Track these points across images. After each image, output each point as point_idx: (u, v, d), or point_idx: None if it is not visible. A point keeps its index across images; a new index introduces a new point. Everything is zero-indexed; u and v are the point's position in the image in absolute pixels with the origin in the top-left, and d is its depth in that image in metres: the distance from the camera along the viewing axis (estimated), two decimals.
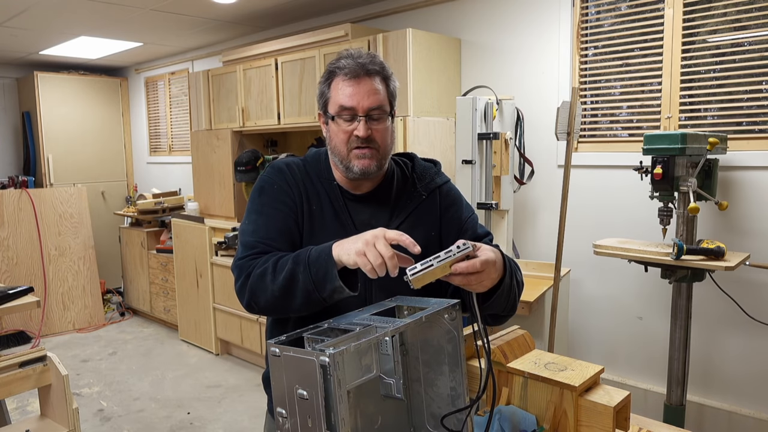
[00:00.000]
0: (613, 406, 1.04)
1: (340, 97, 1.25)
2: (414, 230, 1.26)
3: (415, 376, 1.09)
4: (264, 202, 1.32)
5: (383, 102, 1.27)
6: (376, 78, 1.26)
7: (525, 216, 3.18)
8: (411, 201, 1.35)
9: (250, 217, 1.33)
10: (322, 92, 1.30)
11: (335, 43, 3.39)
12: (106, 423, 3.22)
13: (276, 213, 1.29)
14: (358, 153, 1.26)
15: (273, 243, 1.27)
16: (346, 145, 1.26)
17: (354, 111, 1.24)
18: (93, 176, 5.93)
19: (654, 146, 2.22)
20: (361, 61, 1.25)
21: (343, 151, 1.27)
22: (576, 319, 3.04)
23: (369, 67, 1.25)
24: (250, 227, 1.31)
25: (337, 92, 1.26)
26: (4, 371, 1.93)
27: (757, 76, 2.47)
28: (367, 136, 1.24)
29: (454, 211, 1.37)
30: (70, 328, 4.92)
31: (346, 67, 1.25)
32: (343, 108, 1.24)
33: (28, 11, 3.79)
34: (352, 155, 1.26)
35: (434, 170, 1.41)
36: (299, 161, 1.38)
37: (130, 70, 6.18)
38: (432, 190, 1.37)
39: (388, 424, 1.07)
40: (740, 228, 2.51)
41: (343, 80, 1.25)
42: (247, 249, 1.27)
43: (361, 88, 1.24)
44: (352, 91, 1.24)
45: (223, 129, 4.21)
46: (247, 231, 1.30)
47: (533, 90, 3.08)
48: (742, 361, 2.55)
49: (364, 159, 1.26)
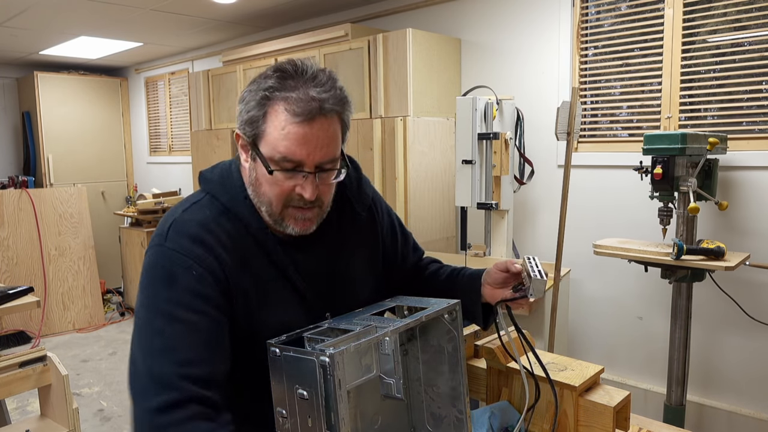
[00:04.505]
0: (613, 406, 1.04)
1: (282, 143, 0.91)
2: (360, 256, 1.15)
3: (415, 376, 1.09)
4: (178, 300, 0.88)
5: (337, 150, 0.96)
6: (334, 118, 0.94)
7: (525, 216, 3.17)
8: (353, 227, 1.12)
9: (153, 324, 0.87)
10: (252, 118, 0.94)
11: (335, 43, 3.39)
12: (106, 423, 3.22)
13: (201, 319, 0.88)
14: (296, 214, 0.98)
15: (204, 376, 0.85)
16: (282, 200, 0.96)
17: (300, 164, 0.93)
18: (93, 176, 5.93)
19: (654, 146, 2.21)
20: (317, 94, 0.91)
21: (276, 207, 0.97)
22: (576, 319, 3.04)
23: (327, 105, 0.92)
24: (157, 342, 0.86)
25: (280, 134, 0.91)
26: (4, 371, 1.93)
27: (757, 76, 2.47)
28: (314, 198, 0.96)
29: (389, 221, 1.23)
30: (70, 328, 4.91)
31: (296, 100, 0.91)
32: (286, 159, 0.92)
33: (28, 11, 3.79)
34: (287, 213, 0.98)
35: (355, 175, 1.15)
36: (216, 213, 0.98)
37: (130, 70, 6.18)
38: (368, 206, 1.17)
39: (388, 424, 1.07)
40: (740, 228, 2.51)
41: (289, 120, 0.91)
42: (160, 389, 0.82)
43: (314, 135, 0.92)
44: (302, 139, 0.91)
45: (223, 129, 4.21)
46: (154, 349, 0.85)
47: (533, 90, 3.08)
48: (742, 361, 2.55)
49: (304, 221, 0.99)
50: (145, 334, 0.88)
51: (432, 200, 3.15)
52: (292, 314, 1.02)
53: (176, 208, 1.01)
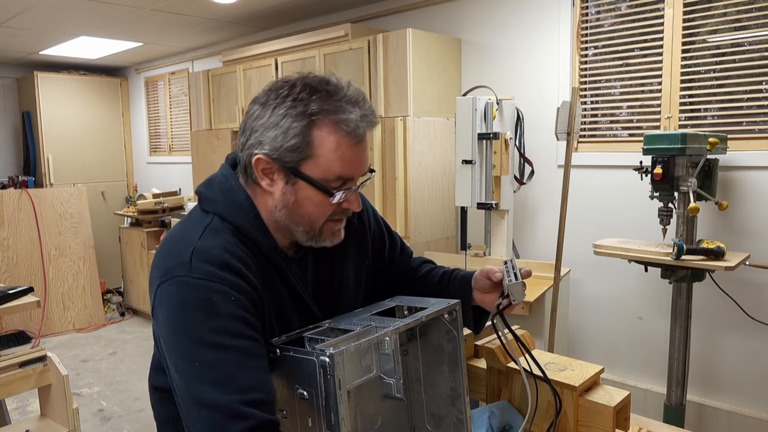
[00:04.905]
0: (613, 406, 1.04)
1: (338, 164, 0.93)
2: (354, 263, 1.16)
3: (415, 376, 1.09)
4: (223, 329, 0.86)
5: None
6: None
7: (525, 216, 3.17)
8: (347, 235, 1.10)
9: (203, 359, 0.84)
10: (295, 146, 0.92)
11: (335, 43, 3.39)
12: (106, 423, 3.22)
13: (249, 344, 0.87)
14: (334, 227, 1.00)
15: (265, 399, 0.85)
16: (327, 217, 0.98)
17: (351, 181, 0.97)
18: (93, 176, 5.93)
19: (654, 146, 2.21)
20: (367, 114, 0.95)
21: (318, 224, 0.98)
22: (576, 319, 3.04)
23: (374, 121, 0.97)
24: (212, 375, 0.83)
25: (334, 155, 0.93)
26: (4, 371, 1.93)
27: (757, 76, 2.47)
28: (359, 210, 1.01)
29: (377, 225, 1.24)
30: (70, 328, 4.91)
31: (355, 123, 0.93)
32: (341, 178, 0.95)
33: (28, 11, 3.79)
34: (325, 228, 0.99)
35: None
36: (233, 238, 0.96)
37: (130, 70, 6.18)
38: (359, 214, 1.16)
39: (388, 424, 1.07)
40: (740, 228, 2.51)
41: (344, 141, 0.93)
42: (229, 420, 0.81)
43: (363, 152, 0.96)
44: (356, 158, 0.95)
45: (223, 129, 4.21)
46: (213, 383, 0.83)
47: (533, 90, 3.08)
48: (742, 361, 2.55)
49: (340, 232, 1.02)
50: (196, 371, 0.84)
51: (432, 200, 3.15)
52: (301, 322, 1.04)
53: (186, 236, 0.96)
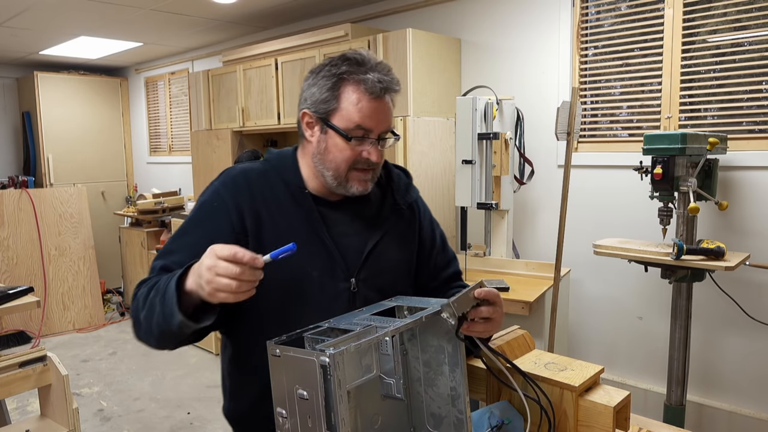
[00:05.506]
0: (613, 406, 1.04)
1: (358, 115, 1.13)
2: (391, 246, 1.24)
3: (415, 376, 1.09)
4: (196, 221, 1.17)
5: (392, 123, 1.20)
6: (393, 97, 1.17)
7: (525, 216, 3.18)
8: (392, 214, 1.27)
9: (176, 234, 1.18)
10: (326, 98, 1.15)
11: (335, 43, 3.39)
12: (106, 423, 3.22)
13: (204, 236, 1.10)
14: (359, 176, 1.17)
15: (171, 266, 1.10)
16: (349, 164, 1.16)
17: (370, 133, 1.15)
18: (93, 176, 5.93)
19: (654, 146, 2.21)
20: (385, 78, 1.14)
21: (343, 169, 1.16)
22: (576, 319, 3.04)
23: (392, 86, 1.15)
24: (168, 246, 1.16)
25: (354, 108, 1.13)
26: (4, 371, 1.93)
27: (757, 76, 2.47)
28: (378, 162, 1.17)
29: (431, 231, 1.33)
30: (70, 328, 4.91)
31: (372, 82, 1.12)
32: (360, 128, 1.14)
33: (28, 11, 3.79)
34: (352, 175, 1.17)
35: (405, 180, 1.34)
36: (259, 167, 1.22)
37: (130, 70, 6.18)
38: (410, 204, 1.31)
39: (388, 424, 1.07)
40: (740, 228, 2.51)
41: (366, 97, 1.13)
42: (150, 272, 1.13)
43: (382, 109, 1.14)
44: (374, 112, 1.13)
45: (223, 129, 4.21)
46: (163, 251, 1.16)
47: (533, 90, 3.08)
48: (742, 361, 2.55)
49: (366, 182, 1.18)
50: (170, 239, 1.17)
51: (432, 200, 3.15)
52: (318, 263, 1.16)
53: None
